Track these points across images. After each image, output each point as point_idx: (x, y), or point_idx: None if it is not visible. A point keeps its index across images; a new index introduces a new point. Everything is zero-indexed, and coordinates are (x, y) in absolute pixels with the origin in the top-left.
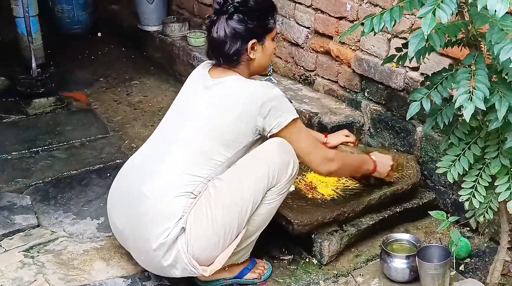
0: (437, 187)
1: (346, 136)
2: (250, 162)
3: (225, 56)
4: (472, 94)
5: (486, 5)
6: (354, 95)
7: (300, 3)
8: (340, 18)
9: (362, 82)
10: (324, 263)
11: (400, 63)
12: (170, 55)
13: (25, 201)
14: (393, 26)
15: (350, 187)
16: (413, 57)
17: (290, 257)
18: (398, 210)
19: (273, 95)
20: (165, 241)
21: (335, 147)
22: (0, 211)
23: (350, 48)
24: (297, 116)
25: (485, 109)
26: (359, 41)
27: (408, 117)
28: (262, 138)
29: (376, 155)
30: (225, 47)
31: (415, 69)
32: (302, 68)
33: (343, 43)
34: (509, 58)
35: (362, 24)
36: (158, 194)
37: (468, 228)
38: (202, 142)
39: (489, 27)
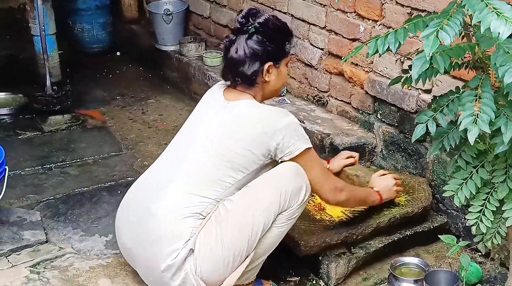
0: (449, 211)
1: (348, 157)
2: (263, 185)
3: (243, 76)
4: (477, 117)
5: (489, 27)
6: (367, 117)
7: (314, 25)
8: (354, 40)
9: (375, 104)
10: (331, 285)
11: (406, 85)
12: (186, 74)
13: (34, 217)
14: (398, 48)
15: (359, 209)
16: (418, 79)
17: (297, 278)
18: (408, 233)
19: (287, 122)
20: (174, 262)
21: (339, 172)
22: (9, 226)
23: (363, 70)
24: (310, 145)
25: (490, 133)
26: (372, 62)
27: (413, 139)
28: (273, 161)
29: (377, 183)
30: (244, 67)
31: (428, 91)
32: (315, 89)
33: (356, 64)
34: None
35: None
36: (166, 214)
37: (480, 253)
38: (212, 164)
39: (495, 50)
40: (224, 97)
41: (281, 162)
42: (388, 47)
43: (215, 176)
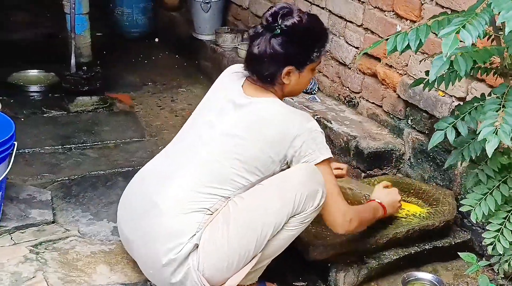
0: (474, 227)
1: (336, 168)
2: (277, 186)
3: (259, 75)
4: (499, 128)
5: None
6: (397, 122)
7: (351, 22)
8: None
9: (407, 109)
10: None
11: (428, 87)
12: (219, 65)
13: (45, 196)
14: (418, 46)
15: None
16: (435, 82)
17: (303, 284)
18: (427, 247)
19: (308, 128)
20: (177, 257)
21: None
22: (17, 203)
23: (397, 72)
24: (330, 156)
25: (511, 145)
26: (406, 65)
27: (429, 146)
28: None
29: (382, 196)
30: (262, 66)
31: (462, 99)
32: (347, 89)
33: (391, 66)
34: None
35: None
36: (172, 206)
37: (503, 276)
38: (226, 163)
39: None
40: (243, 90)
41: None
42: (408, 44)
43: (228, 176)
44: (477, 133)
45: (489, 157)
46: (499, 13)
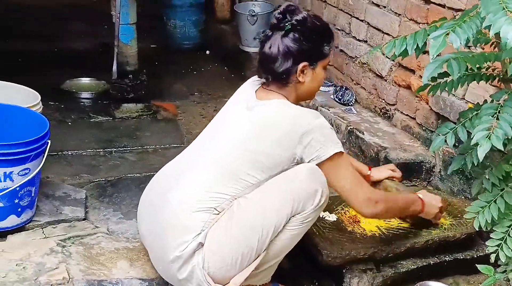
0: None
1: (392, 170)
2: (277, 186)
3: (274, 74)
4: (492, 132)
5: (499, 32)
6: (429, 134)
7: (388, 34)
8: (424, 52)
9: (439, 121)
10: None
11: (431, 93)
12: None
13: (79, 195)
14: (417, 50)
15: (395, 226)
16: (438, 86)
17: None
18: (447, 259)
19: (317, 125)
20: (182, 254)
21: (379, 182)
22: (52, 200)
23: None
24: (341, 150)
25: (503, 150)
26: None
27: (430, 150)
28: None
29: (424, 195)
30: (276, 64)
31: None
32: (383, 101)
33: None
34: None
35: None
36: (181, 204)
37: None
38: (235, 162)
39: None
40: (255, 96)
41: None
42: (406, 48)
43: (237, 174)
44: (471, 137)
45: (480, 161)
46: (484, 15)
